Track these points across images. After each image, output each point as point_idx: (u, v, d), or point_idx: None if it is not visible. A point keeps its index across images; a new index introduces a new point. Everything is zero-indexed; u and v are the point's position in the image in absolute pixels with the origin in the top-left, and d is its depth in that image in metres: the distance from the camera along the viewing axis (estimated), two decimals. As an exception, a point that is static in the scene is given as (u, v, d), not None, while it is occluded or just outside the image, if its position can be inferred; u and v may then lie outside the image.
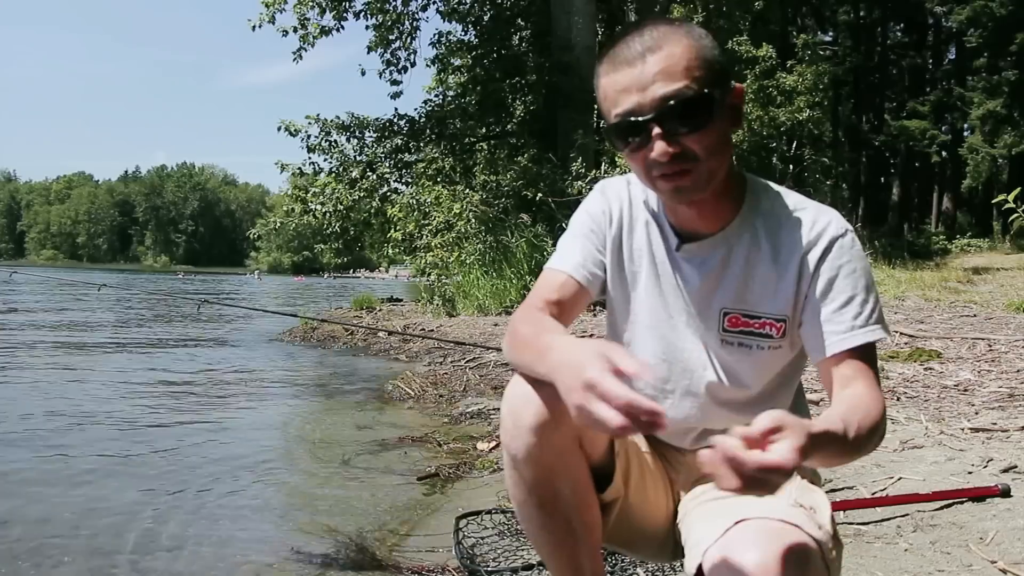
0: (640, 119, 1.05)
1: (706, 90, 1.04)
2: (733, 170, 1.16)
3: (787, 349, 1.18)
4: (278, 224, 13.06)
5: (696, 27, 1.11)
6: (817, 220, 1.14)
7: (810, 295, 1.13)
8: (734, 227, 1.16)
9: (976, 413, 3.15)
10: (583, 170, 10.04)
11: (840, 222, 1.15)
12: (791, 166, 21.38)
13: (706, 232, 1.17)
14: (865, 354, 1.10)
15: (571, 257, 1.24)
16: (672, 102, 1.03)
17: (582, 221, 1.27)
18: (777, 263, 1.14)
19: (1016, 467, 2.40)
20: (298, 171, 13.19)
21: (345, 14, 12.92)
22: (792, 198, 1.18)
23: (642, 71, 1.05)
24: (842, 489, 2.39)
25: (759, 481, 0.79)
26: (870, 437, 1.01)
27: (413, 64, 14.23)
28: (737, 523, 0.97)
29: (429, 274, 10.37)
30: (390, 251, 12.32)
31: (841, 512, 2.15)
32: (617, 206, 1.26)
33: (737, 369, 1.18)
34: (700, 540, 1.02)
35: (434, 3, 14.13)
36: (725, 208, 1.16)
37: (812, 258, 1.13)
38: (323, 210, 12.56)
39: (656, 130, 1.04)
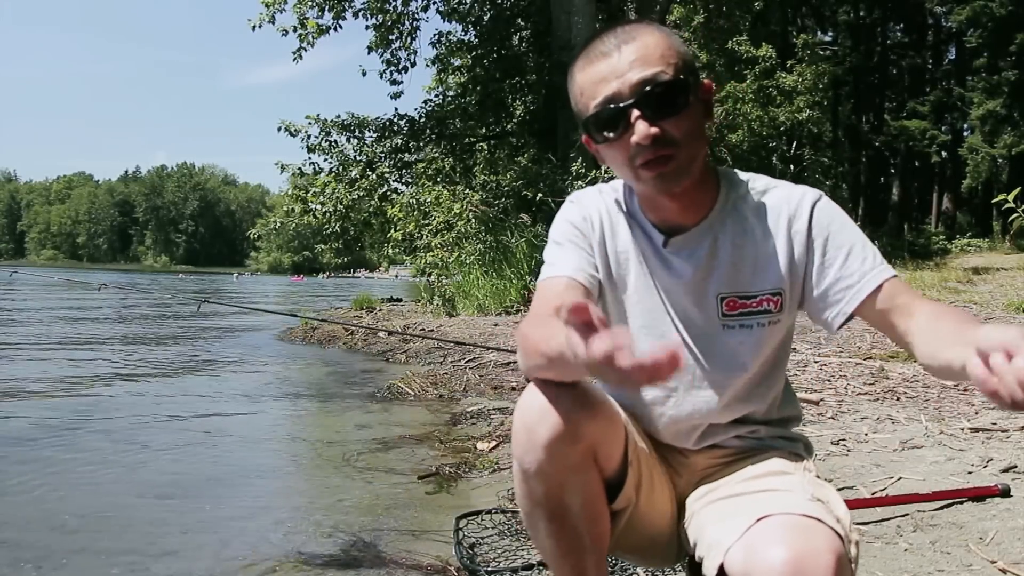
0: (620, 104, 1.07)
1: (681, 76, 1.08)
2: (707, 161, 1.19)
3: (785, 322, 1.21)
4: (278, 224, 13.07)
5: (666, 27, 1.16)
6: (792, 194, 1.19)
7: (811, 263, 1.15)
8: (716, 214, 1.18)
9: (976, 413, 3.15)
10: (583, 170, 10.04)
11: (813, 190, 1.19)
12: (791, 166, 21.38)
13: (688, 224, 1.18)
14: (891, 288, 1.10)
15: (567, 263, 1.22)
16: (650, 86, 1.06)
17: (565, 230, 1.25)
18: (764, 241, 1.17)
19: (1016, 467, 2.41)
20: (298, 171, 13.19)
21: (344, 13, 12.91)
22: (762, 180, 1.22)
23: (618, 60, 1.08)
24: (842, 489, 2.39)
25: None
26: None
27: (413, 64, 14.22)
28: (759, 520, 0.96)
29: (429, 274, 10.38)
30: (390, 251, 12.34)
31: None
32: (596, 212, 1.25)
33: (739, 351, 1.19)
34: (718, 539, 1.00)
35: (434, 3, 14.14)
36: (704, 198, 1.18)
37: (799, 228, 1.16)
38: (323, 210, 12.57)
39: (636, 113, 1.06)
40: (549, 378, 1.04)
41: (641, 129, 1.06)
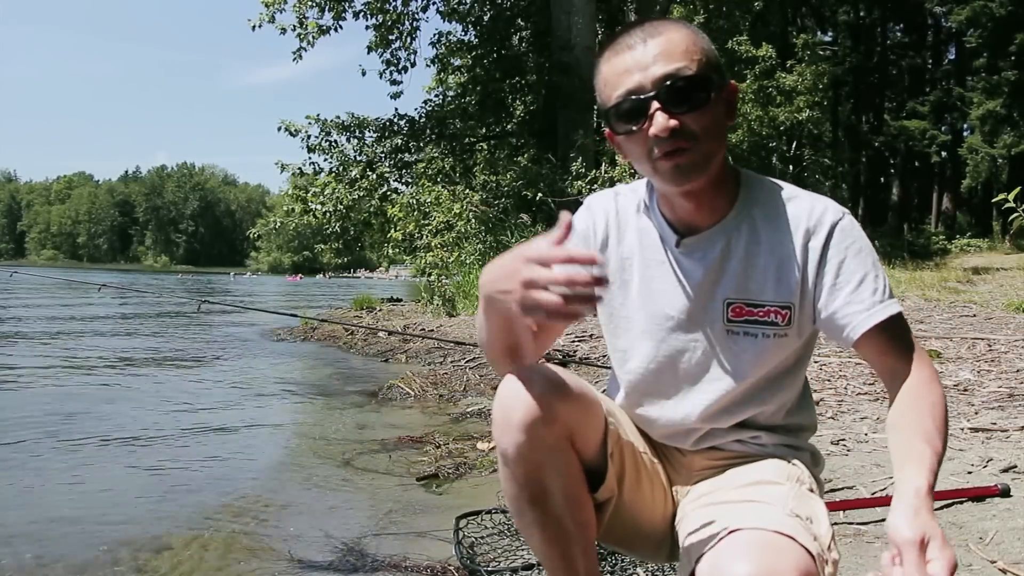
0: (642, 96, 1.08)
1: (704, 72, 1.08)
2: (727, 164, 1.18)
3: (794, 337, 1.18)
4: (278, 224, 13.10)
5: (694, 26, 1.15)
6: (814, 207, 1.16)
7: (821, 283, 1.14)
8: (731, 218, 1.18)
9: (976, 413, 3.15)
10: (583, 170, 10.06)
11: (836, 207, 1.17)
12: (791, 166, 21.42)
13: (704, 225, 1.18)
14: (895, 326, 1.11)
15: None
16: (672, 81, 1.07)
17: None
18: (777, 251, 1.15)
19: (1016, 467, 2.41)
20: (298, 171, 13.21)
21: (344, 14, 12.93)
22: (786, 188, 1.20)
23: (643, 53, 1.09)
24: (842, 489, 2.40)
25: None
26: (947, 429, 1.05)
27: (413, 64, 14.26)
28: (730, 533, 0.96)
29: (429, 274, 10.38)
30: (390, 251, 12.33)
31: (841, 512, 2.15)
32: (603, 219, 1.27)
33: (742, 360, 1.18)
34: (693, 547, 1.02)
35: (434, 3, 14.16)
36: (721, 200, 1.18)
37: (816, 245, 1.14)
38: (323, 210, 12.59)
39: (656, 105, 1.07)
40: (493, 335, 1.16)
41: (660, 121, 1.06)
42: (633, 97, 1.08)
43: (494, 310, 1.11)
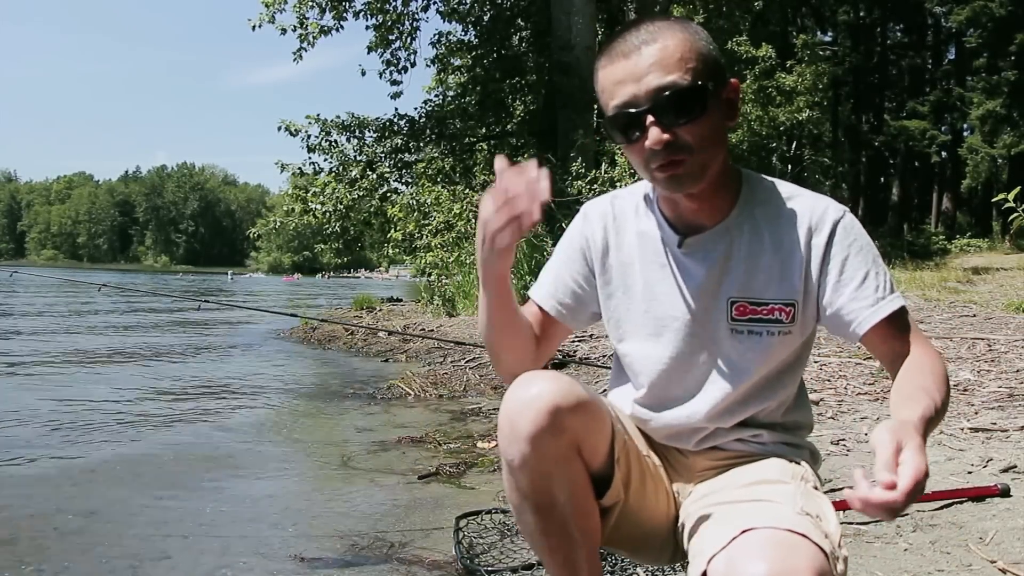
0: (635, 110, 1.07)
1: (700, 82, 1.07)
2: (728, 163, 1.18)
3: (797, 334, 1.19)
4: (278, 224, 13.10)
5: (693, 24, 1.14)
6: (815, 206, 1.17)
7: (825, 280, 1.15)
8: (733, 218, 1.18)
9: (976, 413, 3.15)
10: (583, 170, 10.05)
11: (837, 205, 1.18)
12: (791, 166, 21.43)
13: (706, 225, 1.19)
14: (899, 320, 1.13)
15: (543, 287, 1.32)
16: (666, 93, 1.06)
17: (560, 249, 1.32)
18: (780, 249, 1.16)
19: (1015, 467, 2.41)
20: (298, 171, 13.22)
21: (345, 14, 12.93)
22: (786, 187, 1.21)
23: (637, 63, 1.08)
24: (842, 489, 2.39)
25: (909, 503, 0.83)
26: (948, 392, 1.06)
27: (413, 64, 14.26)
28: (743, 532, 0.96)
29: (429, 274, 10.38)
30: (390, 251, 12.34)
31: (841, 512, 2.15)
32: (600, 226, 1.28)
33: (747, 359, 1.18)
34: (704, 548, 1.00)
35: (434, 3, 14.16)
36: (723, 200, 1.18)
37: (818, 243, 1.15)
38: (323, 210, 12.60)
39: (651, 119, 1.06)
40: (490, 315, 1.20)
41: (654, 135, 1.06)
42: (627, 110, 1.08)
43: (488, 276, 1.15)
